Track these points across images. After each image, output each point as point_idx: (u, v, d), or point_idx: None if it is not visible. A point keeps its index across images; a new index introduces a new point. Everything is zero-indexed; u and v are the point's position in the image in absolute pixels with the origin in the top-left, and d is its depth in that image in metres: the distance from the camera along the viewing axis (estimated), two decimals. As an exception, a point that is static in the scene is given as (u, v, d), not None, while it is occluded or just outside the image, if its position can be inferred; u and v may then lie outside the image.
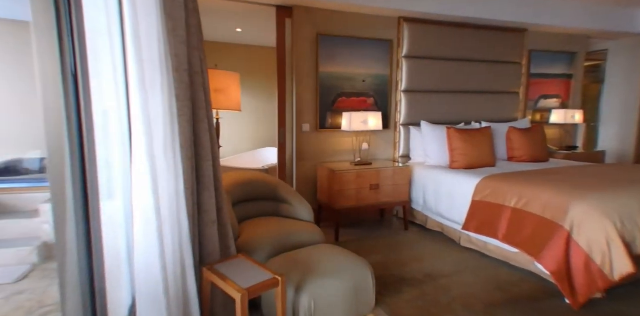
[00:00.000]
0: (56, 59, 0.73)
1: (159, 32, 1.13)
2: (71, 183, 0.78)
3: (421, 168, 3.18)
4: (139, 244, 1.19)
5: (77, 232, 0.80)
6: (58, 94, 0.73)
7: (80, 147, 0.80)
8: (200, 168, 1.43)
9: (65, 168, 0.78)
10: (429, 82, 3.55)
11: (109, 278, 1.07)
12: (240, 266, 1.41)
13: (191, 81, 1.39)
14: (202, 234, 1.45)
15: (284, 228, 1.95)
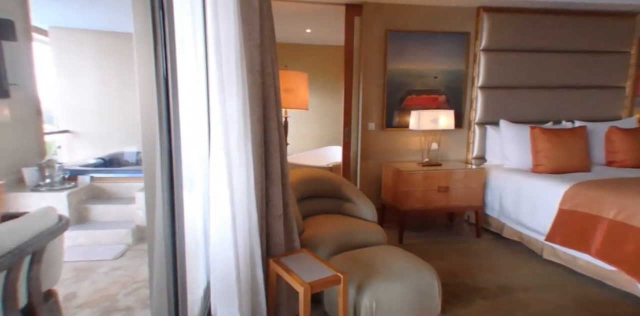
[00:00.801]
0: (151, 65, 0.83)
1: (236, 37, 1.21)
2: (160, 175, 0.88)
3: (498, 171, 2.91)
4: (215, 232, 1.31)
5: (164, 218, 0.90)
6: (152, 96, 0.83)
7: (168, 143, 0.90)
8: (269, 165, 1.50)
9: (156, 162, 0.88)
10: (510, 77, 3.23)
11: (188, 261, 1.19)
12: (303, 261, 1.45)
13: (263, 82, 1.47)
14: (269, 227, 1.52)
15: (347, 227, 1.96)
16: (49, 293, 1.41)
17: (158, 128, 0.84)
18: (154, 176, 0.88)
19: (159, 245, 0.89)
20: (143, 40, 0.82)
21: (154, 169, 0.88)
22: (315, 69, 5.08)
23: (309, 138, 5.30)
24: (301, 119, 5.12)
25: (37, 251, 1.25)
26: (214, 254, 1.35)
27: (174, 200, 0.92)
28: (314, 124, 5.33)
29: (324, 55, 5.15)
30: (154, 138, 0.86)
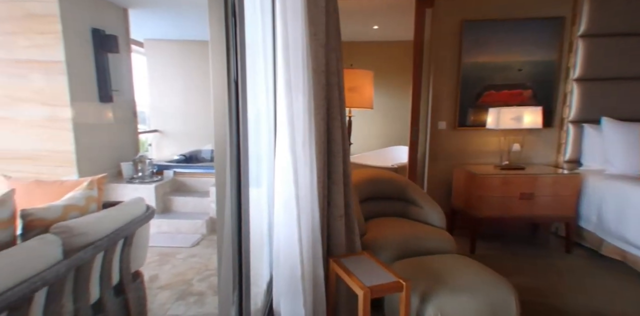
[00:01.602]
0: (223, 69, 0.89)
1: (303, 37, 1.24)
2: (229, 171, 0.95)
3: (598, 177, 2.52)
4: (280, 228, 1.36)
5: (232, 211, 0.96)
6: (224, 99, 0.90)
7: (237, 142, 0.96)
8: (331, 164, 1.51)
9: (226, 159, 0.95)
10: (616, 66, 2.76)
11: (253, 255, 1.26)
12: (364, 264, 1.44)
13: (327, 81, 1.48)
14: (330, 226, 1.54)
15: (412, 231, 1.88)
16: (136, 274, 1.61)
17: (228, 127, 0.90)
18: (224, 172, 0.94)
19: (227, 237, 0.95)
20: (217, 46, 0.88)
21: (224, 166, 0.94)
22: (382, 66, 4.98)
23: (373, 137, 5.22)
24: (365, 118, 5.07)
25: (128, 236, 1.45)
26: (277, 250, 1.41)
27: (241, 195, 0.97)
28: (379, 123, 5.23)
29: (391, 51, 5.02)
30: (225, 137, 0.93)
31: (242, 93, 0.96)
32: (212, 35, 0.89)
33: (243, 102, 0.97)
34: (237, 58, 0.92)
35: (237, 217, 0.97)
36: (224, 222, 0.96)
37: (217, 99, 0.90)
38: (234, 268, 0.97)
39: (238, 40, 0.92)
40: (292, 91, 1.28)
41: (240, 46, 0.93)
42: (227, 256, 0.98)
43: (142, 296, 1.62)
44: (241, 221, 0.99)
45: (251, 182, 1.20)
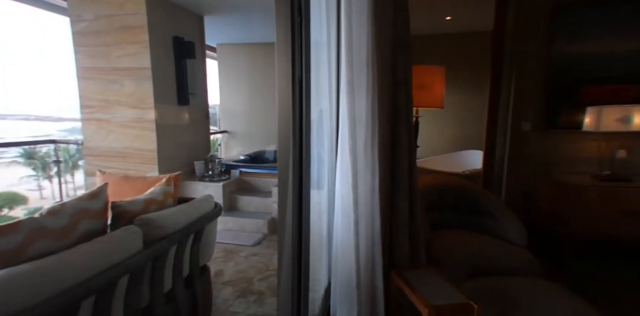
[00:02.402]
0: (289, 69, 0.92)
1: (368, 33, 1.22)
2: (292, 173, 0.97)
3: None
4: (339, 234, 1.36)
5: (293, 214, 0.98)
6: (288, 99, 0.92)
7: (300, 142, 0.98)
8: (396, 169, 1.46)
9: (289, 160, 0.97)
10: None
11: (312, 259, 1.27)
12: (429, 279, 1.36)
13: (394, 79, 1.44)
14: (393, 236, 1.48)
15: (485, 247, 1.73)
16: (204, 268, 1.74)
17: (291, 128, 0.92)
18: (287, 174, 0.97)
19: (287, 240, 0.97)
20: (282, 46, 0.91)
21: (287, 167, 0.97)
22: (454, 61, 4.67)
23: (442, 140, 4.93)
24: (434, 119, 4.79)
25: (199, 231, 1.57)
26: (336, 256, 1.41)
27: (302, 197, 0.99)
28: (449, 124, 4.91)
29: (465, 44, 4.69)
30: (288, 137, 0.95)
31: (305, 93, 0.98)
32: (278, 35, 0.91)
33: (307, 102, 0.99)
34: (302, 58, 0.94)
35: (298, 219, 0.99)
36: (285, 224, 0.99)
37: (281, 99, 0.92)
38: (293, 272, 0.99)
39: (303, 40, 0.93)
40: (354, 90, 1.27)
41: (305, 45, 0.95)
42: (287, 259, 1.00)
43: (209, 290, 1.74)
44: (302, 223, 1.00)
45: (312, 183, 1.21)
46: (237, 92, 5.46)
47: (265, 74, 5.30)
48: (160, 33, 3.08)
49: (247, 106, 5.44)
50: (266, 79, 5.32)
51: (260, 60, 5.31)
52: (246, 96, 5.43)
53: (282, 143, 0.96)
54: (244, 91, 5.43)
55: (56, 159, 3.78)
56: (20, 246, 0.95)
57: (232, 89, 5.47)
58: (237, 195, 3.44)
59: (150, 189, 1.59)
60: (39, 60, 10.22)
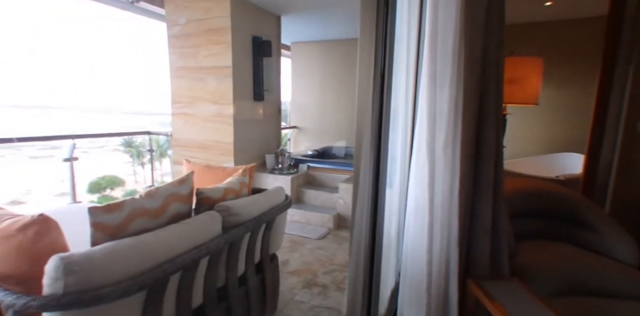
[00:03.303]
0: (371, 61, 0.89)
1: (456, 21, 1.13)
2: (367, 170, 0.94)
3: None
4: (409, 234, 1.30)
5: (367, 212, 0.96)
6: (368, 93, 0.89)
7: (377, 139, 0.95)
8: (480, 170, 1.35)
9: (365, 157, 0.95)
10: None
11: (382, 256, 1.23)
12: (513, 293, 1.23)
13: (483, 72, 1.32)
14: (472, 242, 1.37)
15: (583, 263, 1.51)
16: (273, 257, 1.81)
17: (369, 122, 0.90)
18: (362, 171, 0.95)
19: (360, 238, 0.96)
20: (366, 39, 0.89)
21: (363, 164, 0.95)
22: (552, 52, 4.14)
23: (532, 140, 4.42)
24: (524, 116, 4.30)
25: (270, 221, 1.63)
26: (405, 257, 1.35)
27: (377, 196, 0.96)
28: (542, 123, 4.37)
29: (567, 33, 4.12)
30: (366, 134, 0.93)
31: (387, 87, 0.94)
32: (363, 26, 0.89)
33: (387, 97, 0.95)
34: (384, 50, 0.90)
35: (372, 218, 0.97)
36: (358, 222, 0.97)
37: (361, 93, 0.90)
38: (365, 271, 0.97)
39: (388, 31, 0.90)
40: (436, 84, 1.19)
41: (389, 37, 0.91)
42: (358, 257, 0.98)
43: (276, 277, 1.81)
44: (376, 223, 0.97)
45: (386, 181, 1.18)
46: (308, 89, 5.59)
47: (337, 70, 5.33)
48: (241, 33, 3.27)
49: (318, 102, 5.54)
50: (338, 76, 5.35)
51: (333, 57, 5.35)
52: (317, 93, 5.52)
53: (359, 139, 0.94)
54: (315, 88, 5.53)
55: (149, 148, 4.28)
56: (123, 223, 1.08)
57: (304, 86, 5.61)
58: (304, 189, 3.53)
59: (228, 179, 1.70)
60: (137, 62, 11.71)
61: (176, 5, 3.34)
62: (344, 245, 2.77)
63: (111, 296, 0.86)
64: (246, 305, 1.52)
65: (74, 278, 0.83)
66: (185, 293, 1.15)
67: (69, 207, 2.22)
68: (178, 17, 3.35)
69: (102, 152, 22.91)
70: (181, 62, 3.44)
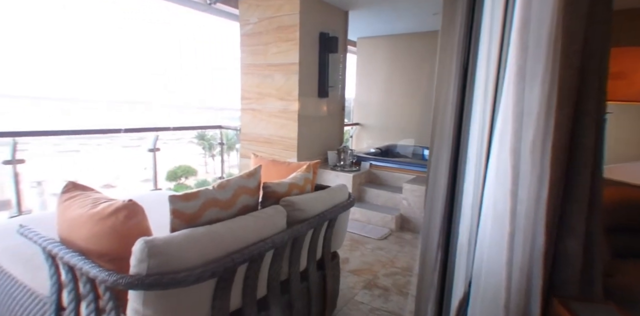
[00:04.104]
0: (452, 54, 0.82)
1: (554, 8, 1.00)
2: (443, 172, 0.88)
3: None
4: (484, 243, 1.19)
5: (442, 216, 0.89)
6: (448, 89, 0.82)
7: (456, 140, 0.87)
8: (574, 177, 1.18)
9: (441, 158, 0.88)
10: None
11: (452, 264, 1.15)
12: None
13: (582, 65, 1.15)
14: (559, 256, 1.22)
15: None
16: (334, 254, 1.81)
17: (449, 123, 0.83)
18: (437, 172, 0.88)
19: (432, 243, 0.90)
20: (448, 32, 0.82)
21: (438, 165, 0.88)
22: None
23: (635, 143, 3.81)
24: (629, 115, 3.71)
25: (332, 218, 1.63)
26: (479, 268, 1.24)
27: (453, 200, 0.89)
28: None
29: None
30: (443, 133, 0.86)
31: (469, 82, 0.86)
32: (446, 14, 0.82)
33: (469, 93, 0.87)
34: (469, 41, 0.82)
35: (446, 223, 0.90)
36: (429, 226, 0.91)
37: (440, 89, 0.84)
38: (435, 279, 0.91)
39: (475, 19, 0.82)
40: (525, 80, 1.06)
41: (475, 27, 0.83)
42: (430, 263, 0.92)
43: (337, 275, 1.81)
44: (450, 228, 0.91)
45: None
46: (372, 85, 5.48)
47: (404, 65, 5.14)
48: (309, 30, 3.31)
49: (382, 99, 5.41)
50: (404, 71, 5.15)
51: (400, 52, 5.17)
52: (382, 89, 5.40)
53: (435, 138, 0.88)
54: (380, 84, 5.40)
55: (220, 141, 4.57)
56: (198, 211, 1.15)
57: (369, 82, 5.52)
58: (365, 187, 3.48)
59: (292, 174, 1.73)
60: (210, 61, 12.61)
61: (249, 5, 3.49)
62: (406, 248, 2.67)
63: (187, 280, 0.91)
64: (307, 301, 1.54)
65: (155, 260, 0.90)
66: (251, 283, 1.20)
67: (151, 193, 2.46)
68: (250, 16, 3.50)
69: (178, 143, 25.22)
70: (251, 59, 3.59)
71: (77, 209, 1.14)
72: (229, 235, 1.10)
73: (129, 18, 73.20)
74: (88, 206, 1.12)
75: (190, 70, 52.44)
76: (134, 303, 0.93)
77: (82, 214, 1.11)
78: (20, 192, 3.06)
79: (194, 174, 20.50)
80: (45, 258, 1.17)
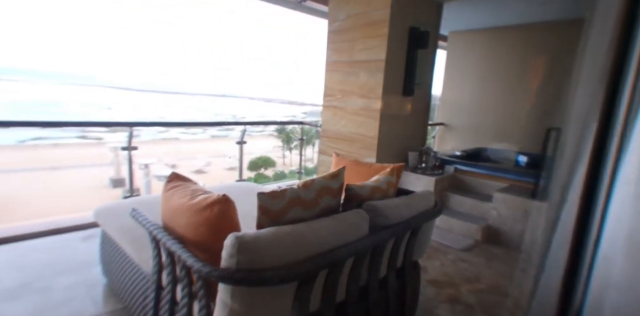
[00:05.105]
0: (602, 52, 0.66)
1: None
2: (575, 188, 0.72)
3: None
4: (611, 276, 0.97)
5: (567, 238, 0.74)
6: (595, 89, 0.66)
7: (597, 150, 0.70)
8: None
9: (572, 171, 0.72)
10: None
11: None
12: None
13: None
14: None
15: None
16: (415, 264, 1.69)
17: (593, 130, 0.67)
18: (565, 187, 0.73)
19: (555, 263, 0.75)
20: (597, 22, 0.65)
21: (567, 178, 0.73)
22: None
23: None
24: None
25: (417, 227, 1.51)
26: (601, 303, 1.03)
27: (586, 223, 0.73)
28: None
29: None
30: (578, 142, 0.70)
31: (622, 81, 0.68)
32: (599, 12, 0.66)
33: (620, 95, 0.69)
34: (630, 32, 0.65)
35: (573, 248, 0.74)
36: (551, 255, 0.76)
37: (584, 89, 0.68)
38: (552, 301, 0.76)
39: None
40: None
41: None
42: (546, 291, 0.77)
43: (417, 285, 1.69)
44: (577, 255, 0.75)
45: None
46: (463, 83, 5.06)
47: (504, 61, 4.62)
48: (398, 25, 3.15)
49: (473, 98, 4.96)
50: (503, 68, 4.64)
51: (499, 46, 4.66)
52: (473, 87, 4.94)
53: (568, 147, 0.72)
54: (473, 82, 4.95)
55: (300, 137, 4.69)
56: (283, 210, 1.15)
57: (459, 80, 5.11)
58: (448, 193, 3.23)
59: (375, 176, 1.65)
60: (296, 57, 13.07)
61: (339, 1, 3.46)
62: (494, 263, 2.40)
63: (273, 280, 0.91)
64: (384, 309, 1.46)
65: (244, 257, 0.92)
66: (331, 287, 1.17)
67: (237, 184, 2.61)
68: (339, 13, 3.47)
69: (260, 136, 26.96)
70: (336, 56, 3.58)
71: (178, 199, 1.23)
72: (312, 236, 1.08)
73: (231, 19, 78.56)
74: (187, 197, 1.20)
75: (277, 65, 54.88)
76: (223, 294, 0.96)
77: (181, 204, 1.19)
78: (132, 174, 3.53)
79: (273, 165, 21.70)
80: (150, 241, 1.30)
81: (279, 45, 73.38)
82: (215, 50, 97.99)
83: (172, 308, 1.24)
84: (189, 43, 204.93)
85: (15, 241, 2.36)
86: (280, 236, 1.02)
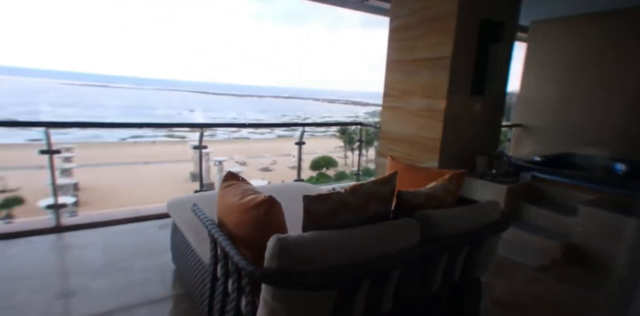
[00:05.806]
0: None
1: None
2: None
3: None
4: None
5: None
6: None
7: None
8: None
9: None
10: None
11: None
12: None
13: None
14: None
15: None
16: (476, 281, 1.56)
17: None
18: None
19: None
20: None
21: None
22: None
23: None
24: None
25: (477, 241, 1.39)
26: None
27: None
28: None
29: None
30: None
31: None
32: None
33: None
34: None
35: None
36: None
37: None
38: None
39: None
40: None
41: None
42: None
43: (477, 304, 1.55)
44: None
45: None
46: (547, 79, 4.53)
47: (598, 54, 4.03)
48: (467, 18, 2.94)
49: (557, 96, 4.41)
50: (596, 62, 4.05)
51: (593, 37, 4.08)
52: (559, 84, 4.40)
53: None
54: (557, 78, 4.41)
55: (359, 138, 4.64)
56: (329, 214, 1.14)
57: (541, 75, 4.59)
58: (523, 203, 2.92)
59: (431, 183, 1.55)
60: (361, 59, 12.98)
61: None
62: (574, 287, 2.11)
63: (311, 285, 0.91)
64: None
65: (285, 259, 0.93)
66: (375, 297, 1.13)
67: (293, 184, 2.68)
68: (401, 9, 3.36)
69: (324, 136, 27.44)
70: (397, 55, 3.46)
71: (230, 197, 1.29)
72: (355, 243, 1.05)
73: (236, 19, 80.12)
74: (238, 196, 1.26)
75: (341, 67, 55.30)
76: (265, 293, 0.99)
77: (233, 203, 1.25)
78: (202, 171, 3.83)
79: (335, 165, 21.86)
80: (208, 235, 1.39)
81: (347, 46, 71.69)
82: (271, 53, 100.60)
83: (224, 299, 1.31)
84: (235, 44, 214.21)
85: (103, 226, 2.72)
86: (323, 241, 1.01)
